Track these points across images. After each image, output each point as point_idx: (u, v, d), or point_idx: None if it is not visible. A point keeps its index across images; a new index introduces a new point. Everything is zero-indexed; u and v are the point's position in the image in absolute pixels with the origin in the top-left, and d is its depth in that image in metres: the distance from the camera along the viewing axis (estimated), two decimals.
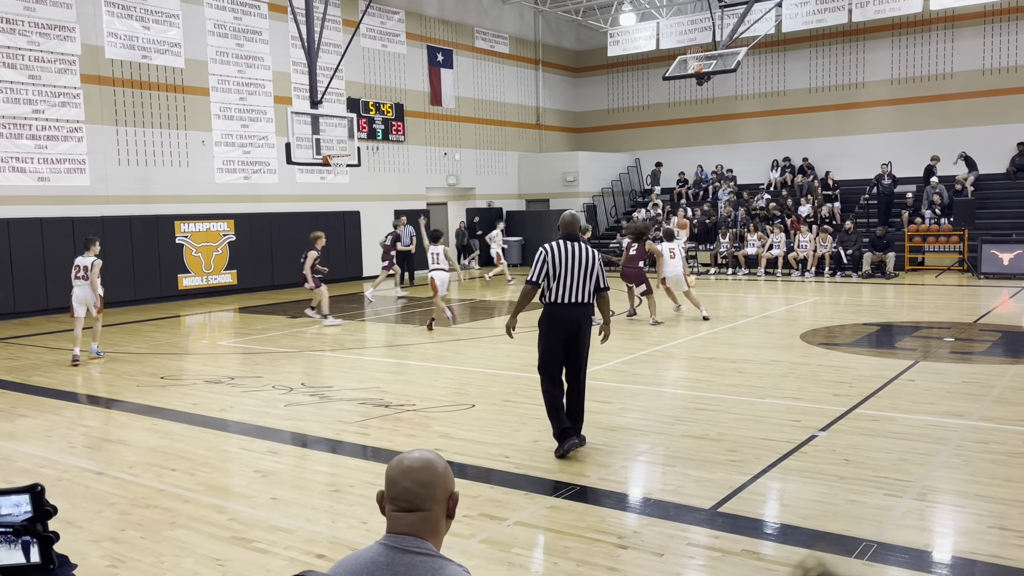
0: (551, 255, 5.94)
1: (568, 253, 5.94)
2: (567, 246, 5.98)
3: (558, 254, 5.93)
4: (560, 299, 5.96)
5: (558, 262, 5.92)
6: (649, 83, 28.27)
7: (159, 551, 4.54)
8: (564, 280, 5.93)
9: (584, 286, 5.96)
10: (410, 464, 1.86)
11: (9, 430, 7.33)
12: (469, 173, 26.06)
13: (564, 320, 5.97)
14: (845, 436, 6.34)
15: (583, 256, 5.97)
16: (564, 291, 5.95)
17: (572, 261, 5.93)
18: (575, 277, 5.93)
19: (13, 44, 15.37)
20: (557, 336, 6.00)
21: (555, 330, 6.01)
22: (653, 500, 5.15)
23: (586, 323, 6.06)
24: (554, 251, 5.96)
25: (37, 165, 15.81)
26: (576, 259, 5.94)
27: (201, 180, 18.50)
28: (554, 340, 6.01)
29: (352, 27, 20.64)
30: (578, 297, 5.96)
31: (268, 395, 8.41)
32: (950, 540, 4.52)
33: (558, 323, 6.00)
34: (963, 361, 9.40)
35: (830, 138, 25.02)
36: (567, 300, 5.95)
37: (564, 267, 5.92)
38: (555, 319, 6.01)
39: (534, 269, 6.02)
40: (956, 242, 19.86)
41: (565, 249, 5.95)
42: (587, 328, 6.08)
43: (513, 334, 6.34)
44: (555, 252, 5.95)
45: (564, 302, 5.96)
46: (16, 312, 15.31)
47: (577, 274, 5.93)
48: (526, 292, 6.09)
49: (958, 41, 23.11)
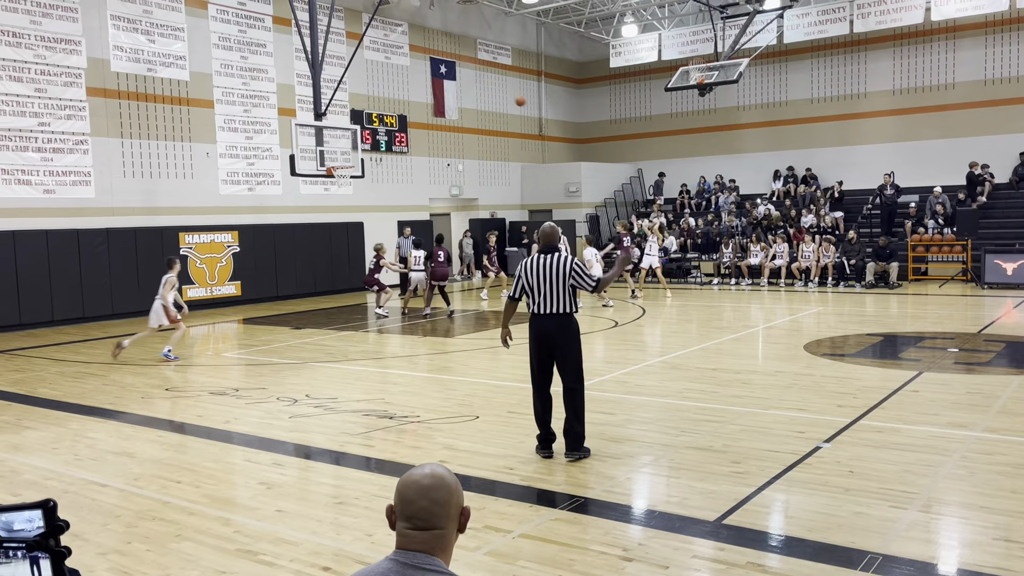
0: (524, 270, 6.29)
1: (541, 266, 6.21)
2: (540, 260, 6.24)
3: (531, 268, 6.25)
4: (537, 310, 6.27)
5: (531, 275, 6.23)
6: (651, 94, 28.36)
7: (165, 564, 4.55)
8: (538, 293, 6.22)
9: (558, 297, 6.17)
10: (426, 484, 1.86)
11: (15, 442, 7.35)
12: (472, 184, 26.13)
13: (539, 331, 6.26)
14: (850, 447, 6.34)
15: (556, 268, 6.17)
16: (539, 303, 6.24)
17: (546, 273, 6.18)
18: (548, 289, 6.18)
19: (20, 57, 15.48)
20: (536, 346, 6.32)
21: (533, 341, 6.33)
22: (658, 512, 5.15)
23: (562, 333, 6.22)
24: (527, 266, 6.29)
25: (43, 177, 15.89)
26: (549, 271, 6.17)
27: (205, 192, 18.58)
28: (533, 350, 6.35)
29: (356, 39, 20.74)
30: (552, 308, 6.20)
31: (273, 407, 8.42)
32: (956, 552, 4.51)
33: (535, 334, 6.30)
34: (967, 372, 9.39)
35: (832, 148, 25.06)
36: (542, 311, 6.24)
37: (537, 280, 6.21)
38: (532, 330, 6.33)
39: (514, 285, 6.39)
40: (959, 252, 19.86)
41: (539, 262, 6.23)
42: (564, 337, 6.23)
43: (509, 344, 6.69)
44: (528, 267, 6.27)
45: (539, 313, 6.26)
46: (22, 324, 15.36)
47: (549, 286, 6.17)
48: (506, 307, 6.59)
49: (960, 52, 23.17)
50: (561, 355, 6.24)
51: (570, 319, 6.26)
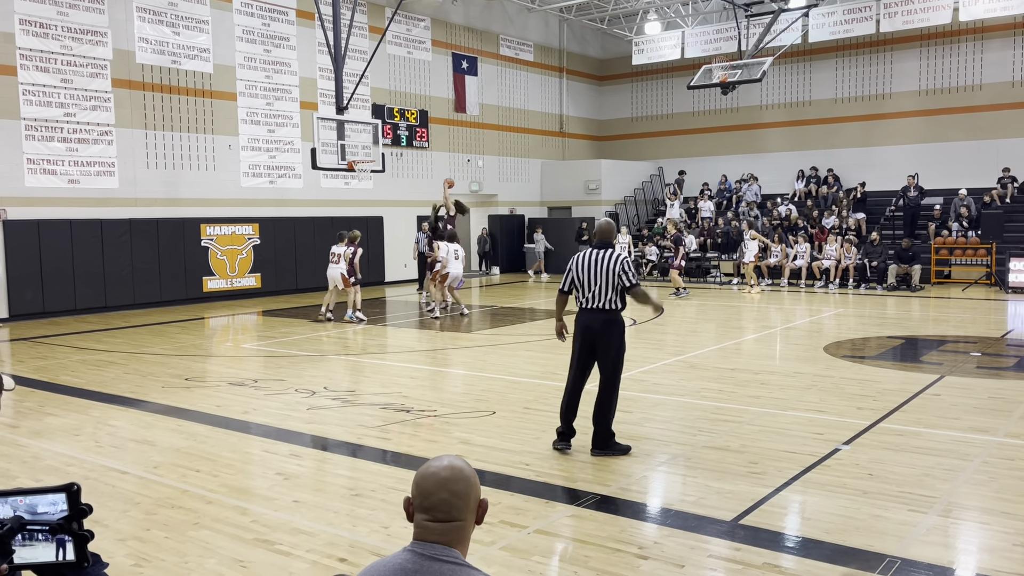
0: (575, 264, 6.37)
1: (592, 261, 6.26)
2: (592, 255, 6.30)
3: (582, 263, 6.31)
4: (584, 305, 6.33)
5: (580, 270, 6.29)
6: (673, 92, 28.23)
7: (183, 551, 4.59)
8: (586, 287, 6.27)
9: (605, 293, 6.21)
10: (445, 476, 1.86)
11: (37, 428, 7.44)
12: (492, 180, 26.13)
13: (584, 325, 6.32)
14: (869, 450, 6.28)
15: (605, 263, 6.21)
16: (587, 298, 6.29)
17: (596, 268, 6.22)
18: (596, 284, 6.22)
19: (46, 48, 15.65)
20: (579, 340, 6.38)
21: (577, 334, 6.41)
22: (674, 511, 5.13)
23: (605, 329, 6.25)
24: (578, 260, 6.35)
25: (68, 167, 16.07)
26: (599, 266, 6.22)
27: (227, 184, 18.71)
28: (576, 343, 6.42)
29: (378, 34, 20.79)
30: (598, 303, 6.25)
31: (291, 398, 8.48)
32: (975, 557, 4.46)
33: (578, 327, 6.38)
34: (990, 376, 9.28)
35: (856, 149, 24.83)
36: (589, 306, 6.31)
37: (586, 274, 6.25)
38: (577, 323, 6.41)
39: (564, 278, 6.45)
40: (983, 255, 19.62)
41: (590, 257, 6.29)
42: (607, 334, 6.25)
43: (565, 336, 6.67)
44: (579, 261, 6.34)
45: (586, 307, 6.32)
46: (45, 312, 15.55)
47: (597, 281, 6.21)
48: (557, 300, 6.64)
49: (987, 52, 22.86)
50: (602, 351, 6.28)
51: (615, 316, 6.27)
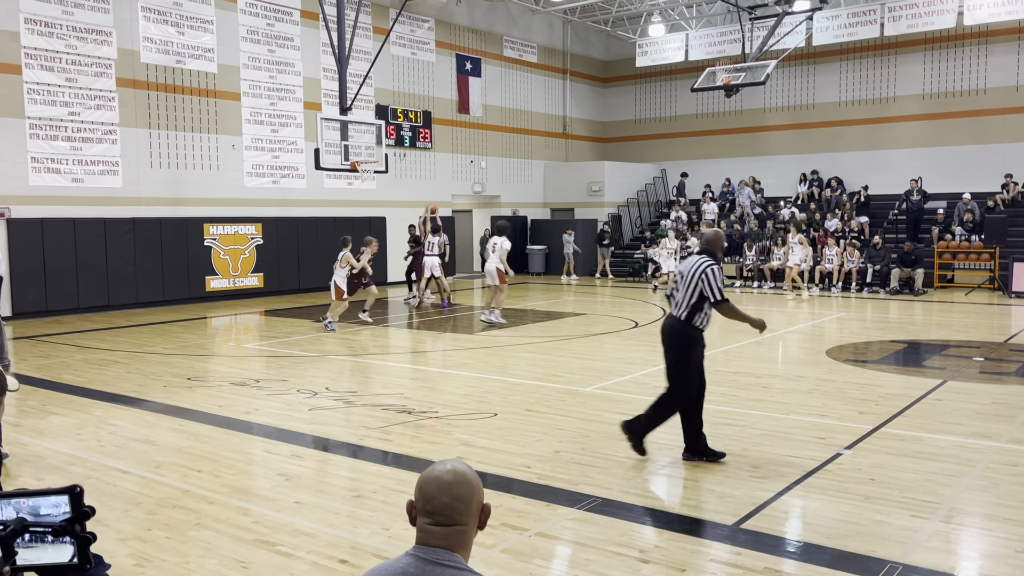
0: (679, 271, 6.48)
1: (684, 266, 6.35)
2: (687, 261, 6.40)
3: (682, 266, 6.42)
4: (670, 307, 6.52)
5: (679, 276, 6.45)
6: (677, 94, 28.21)
7: (184, 551, 4.60)
8: (676, 290, 6.40)
9: (681, 298, 6.26)
10: (448, 480, 1.86)
11: (40, 427, 7.45)
12: (495, 181, 26.13)
13: (662, 327, 6.43)
14: (871, 455, 6.27)
15: (690, 268, 6.25)
16: (673, 301, 6.43)
17: (684, 273, 6.29)
18: (679, 288, 6.32)
19: (51, 47, 15.68)
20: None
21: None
22: (675, 515, 5.13)
23: (669, 334, 6.30)
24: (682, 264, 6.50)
25: (71, 166, 16.09)
26: (686, 274, 6.27)
27: (230, 184, 18.73)
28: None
29: (382, 35, 20.80)
30: (674, 307, 6.36)
31: (293, 399, 8.48)
32: (976, 564, 4.46)
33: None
34: (993, 381, 9.26)
35: (859, 152, 24.80)
36: (670, 309, 6.44)
37: (679, 278, 6.41)
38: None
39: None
40: (987, 259, 19.59)
41: (686, 262, 6.41)
42: (669, 340, 6.29)
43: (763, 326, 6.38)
44: (682, 264, 6.50)
45: (667, 311, 6.48)
46: (48, 311, 15.57)
47: (681, 286, 6.30)
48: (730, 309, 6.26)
49: (992, 57, 22.83)
50: (665, 353, 6.32)
51: (681, 324, 6.19)
